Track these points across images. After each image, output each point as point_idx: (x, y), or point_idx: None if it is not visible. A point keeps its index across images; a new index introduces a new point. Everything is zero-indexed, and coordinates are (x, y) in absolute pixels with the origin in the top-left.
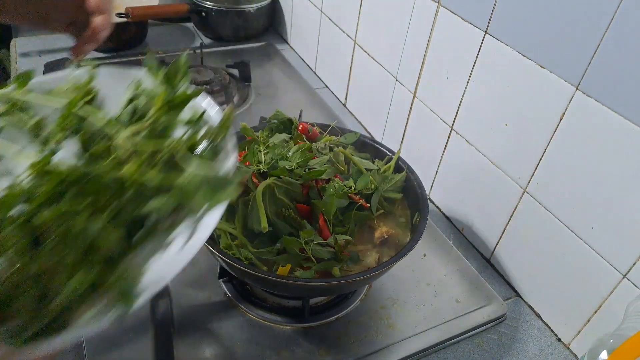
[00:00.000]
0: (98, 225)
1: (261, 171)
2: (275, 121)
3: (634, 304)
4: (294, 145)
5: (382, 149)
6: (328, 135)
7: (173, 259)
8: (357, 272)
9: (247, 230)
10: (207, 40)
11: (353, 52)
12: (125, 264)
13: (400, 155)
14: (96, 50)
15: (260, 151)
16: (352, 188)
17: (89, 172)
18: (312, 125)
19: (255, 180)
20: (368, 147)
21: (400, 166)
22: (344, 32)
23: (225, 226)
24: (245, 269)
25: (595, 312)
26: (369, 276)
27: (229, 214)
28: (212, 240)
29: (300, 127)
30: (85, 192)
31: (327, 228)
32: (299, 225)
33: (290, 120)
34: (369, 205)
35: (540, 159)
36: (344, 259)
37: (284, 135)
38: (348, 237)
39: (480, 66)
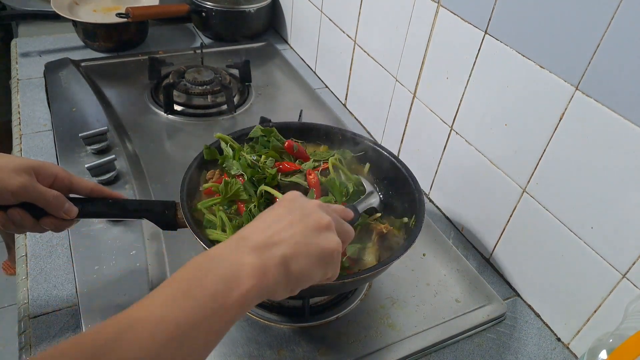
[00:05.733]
0: None
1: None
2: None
3: (633, 303)
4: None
5: (382, 150)
6: (320, 151)
7: None
8: (352, 273)
9: None
10: (207, 40)
11: (353, 52)
12: None
13: (400, 155)
14: (96, 50)
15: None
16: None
17: None
18: (302, 143)
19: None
20: (366, 147)
21: (396, 167)
22: (344, 32)
23: (223, 237)
24: None
25: (595, 311)
26: (364, 277)
27: (224, 225)
28: (213, 243)
29: (286, 144)
30: None
31: None
32: None
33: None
34: None
35: (540, 159)
36: (345, 264)
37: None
38: (358, 245)
39: (480, 66)
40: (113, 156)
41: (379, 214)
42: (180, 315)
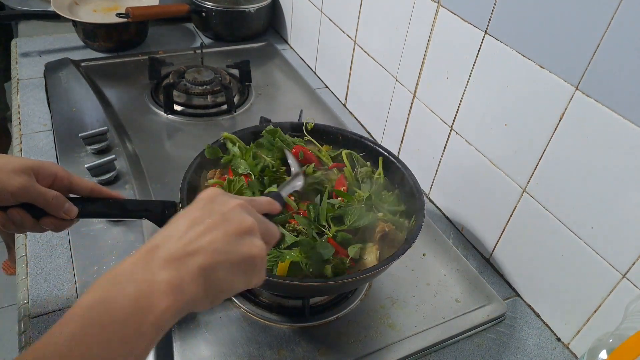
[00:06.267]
0: None
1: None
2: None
3: (633, 303)
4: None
5: (380, 149)
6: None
7: None
8: (352, 273)
9: None
10: (207, 40)
11: (353, 52)
12: None
13: (400, 155)
14: (96, 50)
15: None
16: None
17: None
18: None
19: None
20: (366, 148)
21: (397, 167)
22: (344, 32)
23: None
24: None
25: (595, 311)
26: (364, 277)
27: None
28: None
29: (294, 149)
30: None
31: (339, 247)
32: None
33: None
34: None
35: (540, 159)
36: (346, 265)
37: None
38: (359, 244)
39: (480, 66)
40: (113, 156)
41: (380, 214)
42: (90, 349)
